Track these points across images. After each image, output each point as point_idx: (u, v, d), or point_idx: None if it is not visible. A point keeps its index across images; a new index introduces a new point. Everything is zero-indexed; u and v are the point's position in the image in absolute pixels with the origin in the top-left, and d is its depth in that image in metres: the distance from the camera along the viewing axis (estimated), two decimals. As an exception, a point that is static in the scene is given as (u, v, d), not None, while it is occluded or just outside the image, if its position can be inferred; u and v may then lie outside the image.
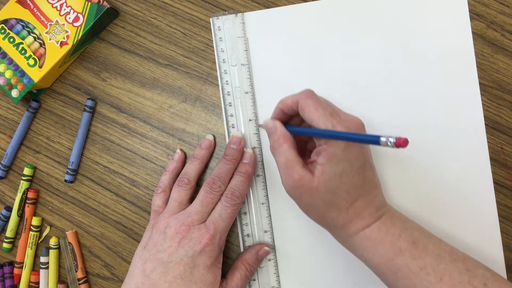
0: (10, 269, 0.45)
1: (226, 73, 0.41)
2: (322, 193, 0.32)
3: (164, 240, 0.35)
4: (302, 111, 0.34)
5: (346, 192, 0.32)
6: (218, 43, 0.41)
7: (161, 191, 0.40)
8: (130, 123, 0.44)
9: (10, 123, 0.46)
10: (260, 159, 0.41)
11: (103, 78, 0.44)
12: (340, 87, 0.41)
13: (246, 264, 0.39)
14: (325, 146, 0.32)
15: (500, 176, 0.39)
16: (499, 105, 0.40)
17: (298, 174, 0.32)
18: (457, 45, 0.40)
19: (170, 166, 0.41)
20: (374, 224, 0.33)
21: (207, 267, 0.35)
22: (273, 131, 0.35)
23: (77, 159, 0.44)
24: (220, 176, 0.38)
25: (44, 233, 0.45)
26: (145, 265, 0.35)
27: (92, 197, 0.44)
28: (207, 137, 0.42)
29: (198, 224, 0.36)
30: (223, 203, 0.37)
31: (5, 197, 0.46)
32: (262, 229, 0.41)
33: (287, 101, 0.35)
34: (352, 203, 0.33)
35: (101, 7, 0.42)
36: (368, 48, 0.41)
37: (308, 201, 0.33)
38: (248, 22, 0.42)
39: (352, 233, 0.33)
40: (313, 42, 0.41)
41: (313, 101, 0.33)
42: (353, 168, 0.32)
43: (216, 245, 0.36)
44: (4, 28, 0.43)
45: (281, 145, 0.34)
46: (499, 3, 0.40)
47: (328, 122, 0.32)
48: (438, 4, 0.40)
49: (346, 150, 0.31)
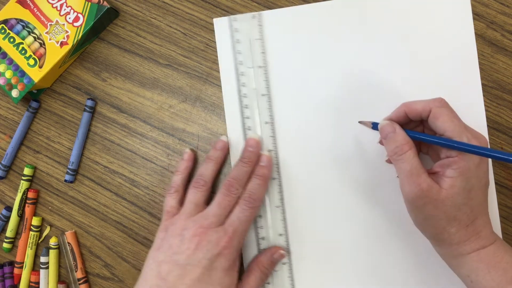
0: (10, 269, 0.45)
1: (243, 75, 0.41)
2: (448, 206, 0.31)
3: (182, 242, 0.35)
4: (435, 120, 0.32)
5: (471, 209, 0.32)
6: (235, 45, 0.41)
7: (174, 191, 0.39)
8: (130, 123, 0.44)
9: (10, 123, 0.46)
10: (275, 161, 0.41)
11: (103, 78, 0.44)
12: (341, 87, 0.41)
13: (262, 267, 0.38)
14: (457, 159, 0.31)
15: (500, 176, 0.39)
16: (499, 105, 0.40)
17: (426, 183, 0.31)
18: (460, 46, 0.40)
19: (181, 166, 0.41)
20: (490, 246, 0.32)
21: (225, 270, 0.35)
22: (393, 135, 0.34)
23: (77, 159, 0.44)
24: (237, 178, 0.37)
25: (44, 233, 0.45)
26: (160, 267, 0.35)
27: (92, 197, 0.44)
28: (222, 138, 0.41)
29: (215, 226, 0.35)
30: (241, 206, 0.36)
31: (5, 197, 0.46)
32: (277, 232, 0.40)
33: (416, 106, 0.34)
34: (473, 221, 0.32)
35: (101, 7, 0.42)
36: (369, 49, 0.41)
37: (430, 213, 0.32)
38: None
39: (465, 251, 0.32)
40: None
41: (449, 111, 0.32)
42: (480, 185, 0.32)
43: (234, 248, 0.35)
44: (4, 28, 0.43)
45: (406, 151, 0.33)
46: (499, 3, 0.40)
47: (463, 135, 0.31)
48: (441, 5, 0.40)
49: (479, 167, 0.31)
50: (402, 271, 0.39)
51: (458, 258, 0.33)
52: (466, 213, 0.32)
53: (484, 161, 0.32)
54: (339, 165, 0.40)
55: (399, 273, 0.39)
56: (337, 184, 0.40)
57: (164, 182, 0.43)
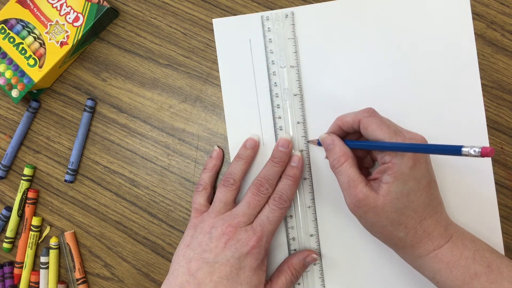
0: (10, 269, 0.45)
1: (275, 74, 0.41)
2: (389, 212, 0.32)
3: (210, 240, 0.35)
4: (365, 130, 0.33)
5: (414, 211, 0.32)
6: (268, 45, 0.41)
7: (202, 188, 0.39)
8: (130, 123, 0.44)
9: (10, 123, 0.46)
10: (307, 162, 0.40)
11: (103, 78, 0.44)
12: (348, 88, 0.41)
13: (293, 269, 0.38)
14: (391, 164, 0.31)
15: (500, 176, 0.39)
16: (499, 105, 0.40)
17: (362, 193, 0.32)
18: (460, 46, 0.40)
19: (209, 163, 0.41)
20: (445, 245, 0.32)
21: (253, 269, 0.35)
22: (332, 147, 0.35)
23: (77, 159, 0.44)
24: (267, 178, 0.37)
25: (44, 233, 0.45)
26: (189, 264, 0.35)
27: (92, 197, 0.44)
28: (252, 136, 0.41)
29: (244, 226, 0.36)
30: (270, 206, 0.36)
31: (5, 197, 0.46)
32: (308, 233, 0.40)
33: (347, 119, 0.35)
34: (420, 222, 0.32)
35: (101, 7, 0.42)
36: (370, 49, 0.41)
37: (373, 220, 0.33)
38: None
39: (422, 253, 0.33)
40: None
41: (376, 119, 0.33)
42: (420, 186, 0.32)
43: (263, 248, 0.36)
44: (4, 28, 0.43)
45: (342, 163, 0.33)
46: (499, 3, 0.40)
47: (393, 139, 0.31)
48: (441, 5, 0.40)
49: (414, 168, 0.31)
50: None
51: (418, 261, 0.33)
52: (410, 216, 0.32)
53: (421, 162, 0.32)
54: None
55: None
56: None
57: (164, 182, 0.43)
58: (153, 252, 0.43)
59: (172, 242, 0.43)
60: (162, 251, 0.43)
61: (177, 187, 0.43)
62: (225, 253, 0.35)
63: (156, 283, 0.43)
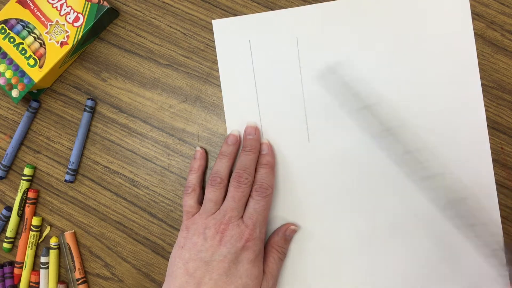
0: (10, 269, 0.45)
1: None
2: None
3: (205, 240, 0.36)
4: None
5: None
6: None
7: (191, 190, 0.40)
8: (130, 123, 0.44)
9: (10, 123, 0.46)
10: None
11: (103, 78, 0.44)
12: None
13: (277, 246, 0.39)
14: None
15: (500, 177, 0.39)
16: (499, 105, 0.40)
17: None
18: (460, 46, 0.40)
19: (194, 164, 0.41)
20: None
21: (252, 262, 0.36)
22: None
23: (77, 159, 0.44)
24: (244, 168, 0.38)
25: (44, 233, 0.45)
26: (187, 264, 0.35)
27: (92, 197, 0.44)
28: (232, 132, 0.41)
29: (236, 220, 0.36)
30: (254, 198, 0.37)
31: (5, 197, 0.46)
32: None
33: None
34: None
35: (101, 7, 0.42)
36: (369, 49, 0.41)
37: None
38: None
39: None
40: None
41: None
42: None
43: (257, 238, 0.36)
44: (4, 28, 0.43)
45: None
46: (499, 3, 0.40)
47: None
48: (440, 5, 0.40)
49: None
50: (401, 273, 0.39)
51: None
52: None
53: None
54: (345, 164, 0.40)
55: (399, 276, 0.39)
56: (340, 183, 0.40)
57: (164, 182, 0.43)
58: (153, 252, 0.43)
59: (172, 242, 0.43)
60: (162, 251, 0.43)
61: (177, 187, 0.43)
62: (221, 250, 0.35)
63: (156, 283, 0.43)
